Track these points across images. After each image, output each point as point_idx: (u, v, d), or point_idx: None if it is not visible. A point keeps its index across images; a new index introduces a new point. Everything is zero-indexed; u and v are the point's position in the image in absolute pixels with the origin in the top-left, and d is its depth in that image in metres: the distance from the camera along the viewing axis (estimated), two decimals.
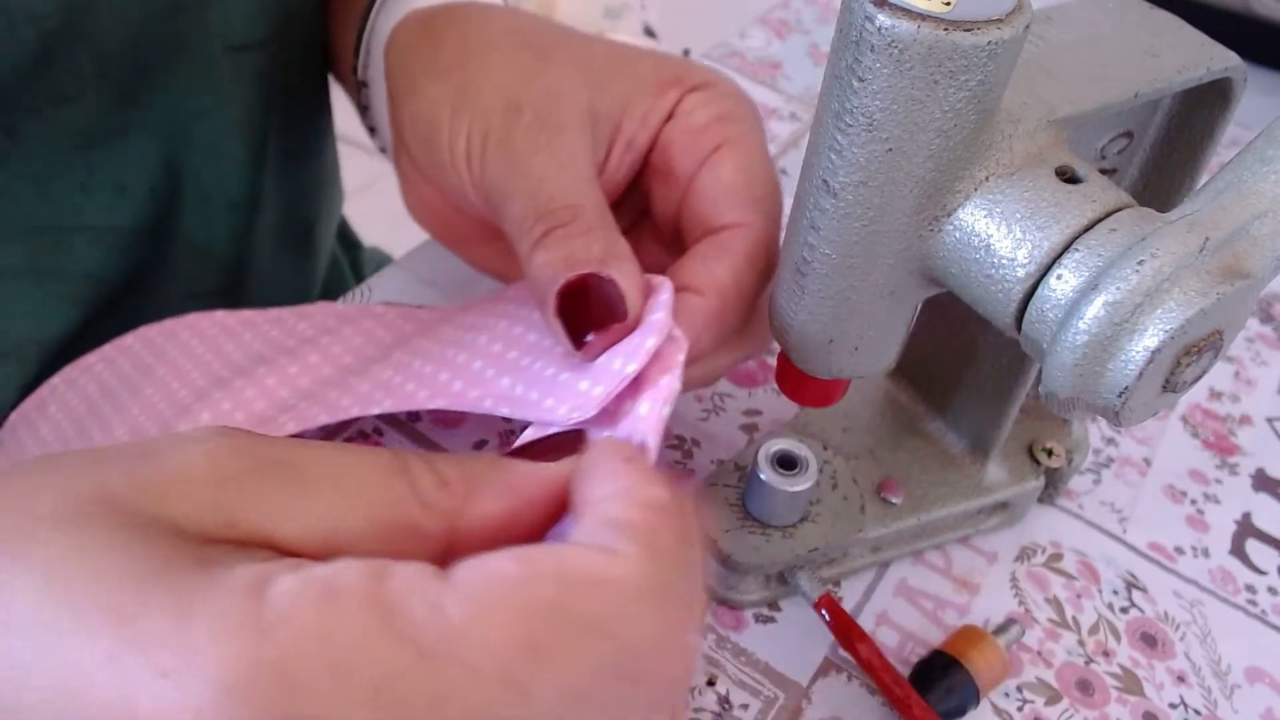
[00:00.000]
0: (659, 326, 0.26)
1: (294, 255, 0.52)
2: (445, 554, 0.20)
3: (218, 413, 0.35)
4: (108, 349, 0.39)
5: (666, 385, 0.25)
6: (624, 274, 0.28)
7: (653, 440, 0.24)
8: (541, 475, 0.22)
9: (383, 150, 0.43)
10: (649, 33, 1.27)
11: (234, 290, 0.48)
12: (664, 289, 0.28)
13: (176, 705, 0.16)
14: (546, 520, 0.22)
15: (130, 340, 0.39)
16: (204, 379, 0.37)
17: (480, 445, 0.39)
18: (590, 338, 0.27)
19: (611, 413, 0.26)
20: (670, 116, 0.33)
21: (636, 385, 0.26)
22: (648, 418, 0.24)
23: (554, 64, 0.33)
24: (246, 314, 0.40)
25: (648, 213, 0.36)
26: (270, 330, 0.39)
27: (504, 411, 0.29)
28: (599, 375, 0.27)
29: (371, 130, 0.42)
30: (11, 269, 0.39)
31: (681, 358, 0.25)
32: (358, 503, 0.20)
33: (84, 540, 0.18)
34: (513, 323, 0.33)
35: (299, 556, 0.19)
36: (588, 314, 0.28)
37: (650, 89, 0.33)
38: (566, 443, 0.26)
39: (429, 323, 0.38)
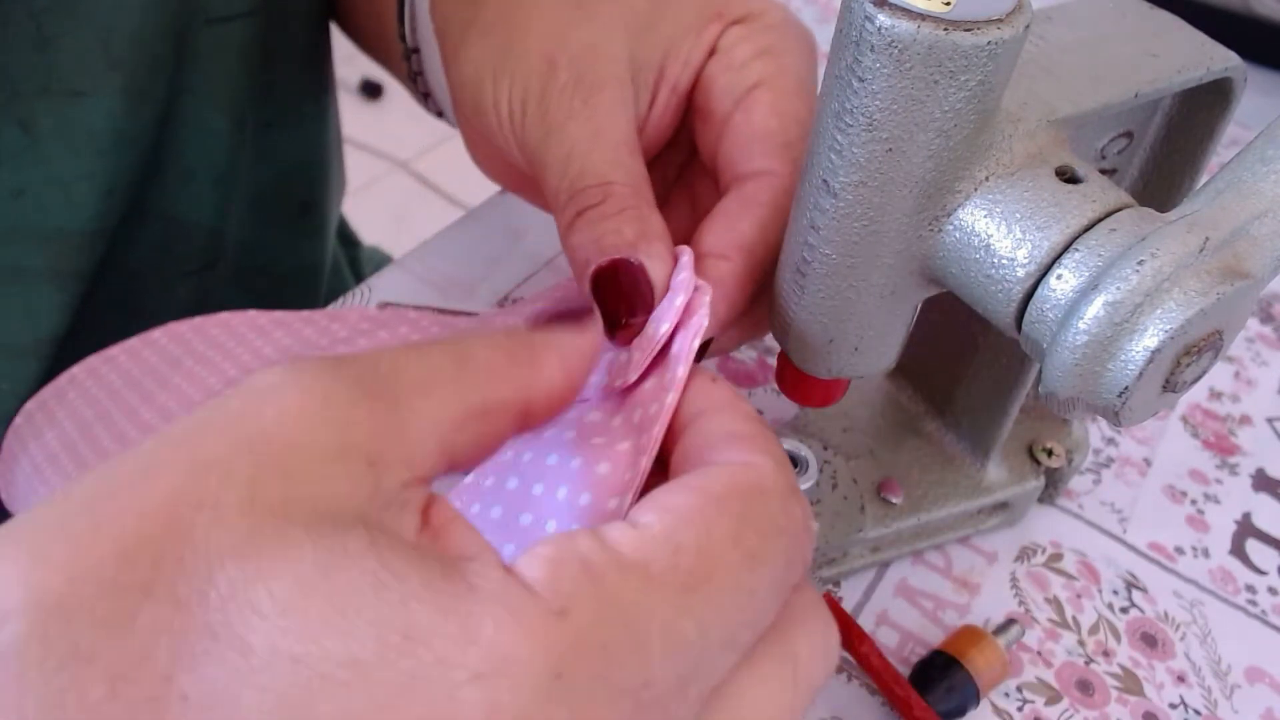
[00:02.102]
0: (685, 284, 0.28)
1: (289, 231, 0.52)
2: (523, 423, 0.23)
3: None
4: (134, 342, 0.39)
5: (696, 323, 0.27)
6: (653, 256, 0.28)
7: (682, 370, 0.26)
8: (581, 344, 0.24)
9: (439, 114, 0.43)
10: None
11: (224, 265, 0.48)
12: (684, 253, 0.29)
13: (505, 703, 0.17)
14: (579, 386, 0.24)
15: (158, 334, 0.39)
16: (235, 370, 0.37)
17: None
18: (628, 325, 0.28)
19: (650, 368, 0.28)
20: (712, 52, 0.32)
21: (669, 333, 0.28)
22: (678, 354, 0.26)
23: (595, 15, 0.32)
24: (279, 314, 0.40)
25: (697, 152, 0.35)
26: (304, 329, 0.40)
27: None
28: (638, 342, 0.28)
29: (425, 96, 0.42)
30: (33, 270, 0.40)
31: (708, 299, 0.27)
32: (451, 401, 0.21)
33: (332, 555, 0.17)
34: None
35: (424, 473, 0.20)
36: (620, 290, 0.28)
37: (693, 26, 0.32)
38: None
39: (467, 331, 0.38)
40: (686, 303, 0.27)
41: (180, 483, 0.17)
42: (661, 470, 0.25)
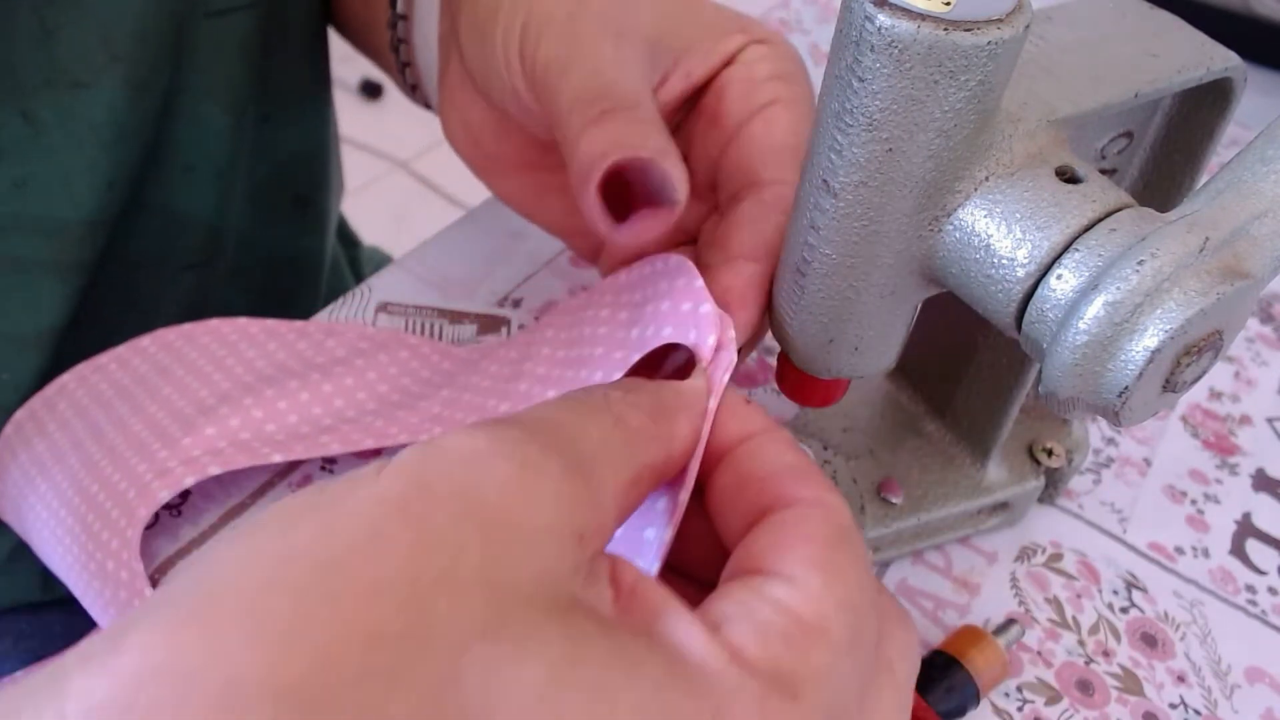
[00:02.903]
0: (711, 315, 0.28)
1: (288, 225, 0.52)
2: (660, 481, 0.23)
3: (247, 419, 0.35)
4: (123, 350, 0.39)
5: (726, 358, 0.27)
6: (676, 167, 0.28)
7: (713, 403, 0.26)
8: (701, 396, 0.25)
9: (413, 88, 0.43)
10: None
11: (224, 258, 0.48)
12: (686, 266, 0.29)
13: None
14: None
15: (147, 342, 0.39)
16: (226, 381, 0.37)
17: None
18: (635, 218, 0.28)
19: None
20: (729, 62, 0.33)
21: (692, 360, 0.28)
22: (711, 388, 0.27)
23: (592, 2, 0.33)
24: (270, 323, 0.40)
25: (684, 158, 0.35)
26: (297, 343, 0.39)
27: None
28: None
29: (405, 67, 0.42)
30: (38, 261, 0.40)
31: (733, 333, 0.27)
32: (623, 470, 0.21)
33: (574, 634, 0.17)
34: (555, 348, 0.33)
35: (598, 533, 0.20)
36: (624, 206, 0.28)
37: (715, 31, 0.33)
38: None
39: (470, 361, 0.38)
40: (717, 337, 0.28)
41: (411, 555, 0.16)
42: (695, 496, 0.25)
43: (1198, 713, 0.35)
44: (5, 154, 0.38)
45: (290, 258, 0.54)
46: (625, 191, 0.29)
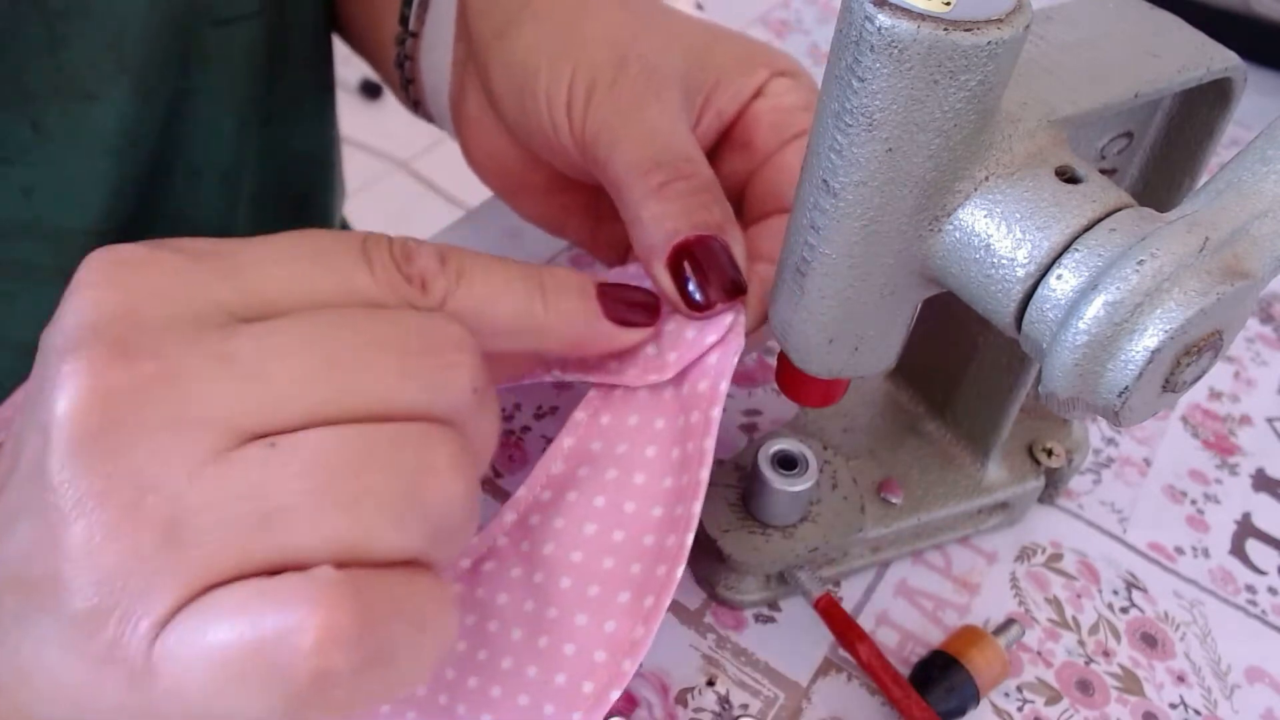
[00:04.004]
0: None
1: (289, 224, 0.52)
2: None
3: None
4: None
5: (735, 342, 0.28)
6: (735, 241, 0.29)
7: (724, 386, 0.27)
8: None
9: (415, 104, 0.43)
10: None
11: None
12: None
13: None
14: None
15: None
16: None
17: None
18: (703, 300, 0.29)
19: (683, 373, 0.30)
20: (757, 94, 0.34)
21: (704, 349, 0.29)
22: (719, 365, 0.28)
23: (655, 28, 0.34)
24: None
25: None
26: None
27: (570, 378, 0.31)
28: (672, 342, 0.30)
29: (409, 84, 0.42)
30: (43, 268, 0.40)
31: (742, 319, 0.29)
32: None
33: None
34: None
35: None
36: (704, 265, 0.29)
37: (741, 67, 0.34)
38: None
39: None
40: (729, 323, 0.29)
41: None
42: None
43: (1198, 713, 0.35)
44: (13, 162, 0.38)
45: None
46: (689, 254, 0.30)
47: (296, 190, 0.52)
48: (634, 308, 0.29)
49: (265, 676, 0.19)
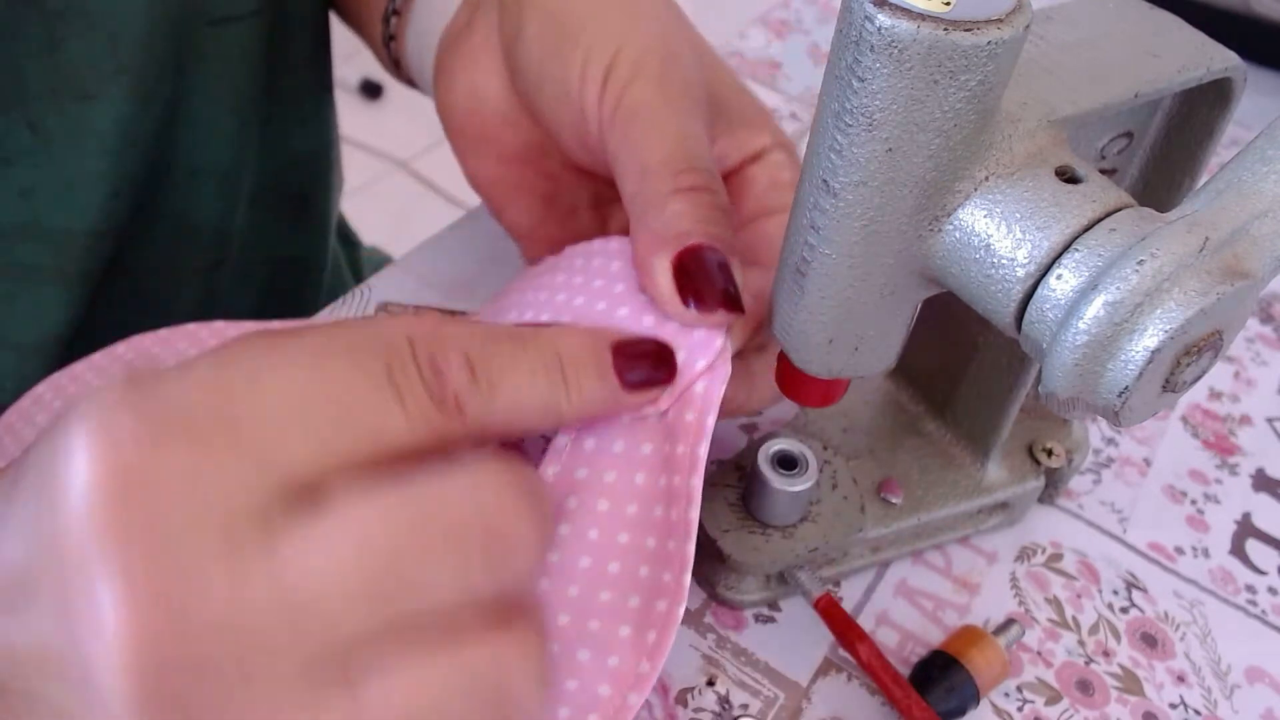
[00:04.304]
0: (714, 336, 0.29)
1: (290, 224, 0.53)
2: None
3: None
4: (98, 358, 0.39)
5: (722, 371, 0.29)
6: (738, 269, 0.30)
7: (711, 419, 0.27)
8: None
9: (411, 83, 0.43)
10: None
11: (231, 262, 0.48)
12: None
13: None
14: None
15: (123, 349, 0.39)
16: None
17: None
18: (698, 302, 0.29)
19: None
20: (757, 158, 0.34)
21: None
22: (705, 395, 0.28)
23: (693, 48, 0.34)
24: (248, 325, 0.40)
25: None
26: None
27: None
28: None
29: (396, 64, 0.42)
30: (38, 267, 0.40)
31: (729, 349, 0.29)
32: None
33: None
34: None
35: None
36: (706, 274, 0.29)
37: (753, 126, 0.34)
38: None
39: None
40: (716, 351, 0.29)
41: None
42: None
43: (1198, 713, 0.35)
44: (11, 163, 0.38)
45: (291, 258, 0.54)
46: (689, 264, 0.30)
47: (295, 190, 0.52)
48: (649, 363, 0.28)
49: None
